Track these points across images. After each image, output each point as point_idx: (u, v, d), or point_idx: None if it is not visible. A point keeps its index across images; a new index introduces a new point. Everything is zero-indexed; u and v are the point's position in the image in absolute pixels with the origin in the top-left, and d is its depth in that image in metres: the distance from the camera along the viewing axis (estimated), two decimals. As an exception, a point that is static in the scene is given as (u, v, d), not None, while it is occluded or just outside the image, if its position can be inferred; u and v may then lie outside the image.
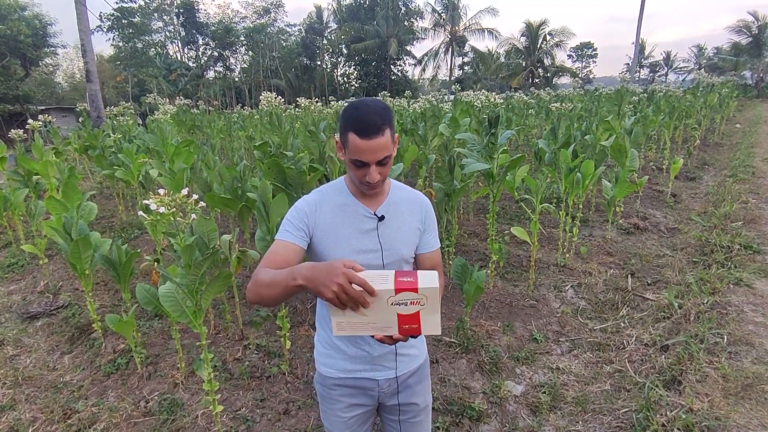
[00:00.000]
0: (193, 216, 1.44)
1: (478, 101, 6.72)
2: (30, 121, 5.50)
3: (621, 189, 3.97)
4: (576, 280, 3.53)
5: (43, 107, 21.05)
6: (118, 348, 2.79)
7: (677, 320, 2.61)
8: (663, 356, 2.37)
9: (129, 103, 8.49)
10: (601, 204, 5.09)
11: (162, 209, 1.37)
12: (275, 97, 4.01)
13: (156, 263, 2.91)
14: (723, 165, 7.55)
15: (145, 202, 1.42)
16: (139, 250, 2.60)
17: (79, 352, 2.83)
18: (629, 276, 3.56)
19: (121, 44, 24.40)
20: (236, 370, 2.51)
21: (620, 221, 4.72)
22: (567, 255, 3.89)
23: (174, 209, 1.42)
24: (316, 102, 5.03)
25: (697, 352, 2.29)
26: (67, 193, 3.20)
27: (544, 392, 2.30)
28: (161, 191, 1.44)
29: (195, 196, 1.49)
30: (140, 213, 1.50)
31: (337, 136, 1.09)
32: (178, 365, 2.51)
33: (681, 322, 2.56)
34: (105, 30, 23.83)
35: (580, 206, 4.15)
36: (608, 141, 4.57)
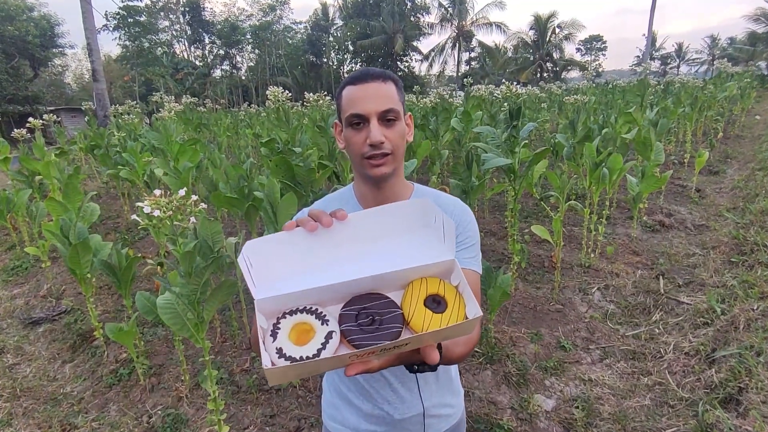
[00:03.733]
0: (192, 219, 1.27)
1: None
2: (30, 119, 5.37)
3: (648, 184, 3.74)
4: (602, 282, 3.32)
5: (52, 108, 21.16)
6: (121, 357, 2.65)
7: (723, 328, 2.39)
8: (712, 369, 2.15)
9: (135, 102, 8.37)
10: (623, 200, 4.85)
11: (157, 212, 1.20)
12: (282, 92, 3.84)
13: (159, 267, 2.77)
14: (747, 158, 7.22)
15: (139, 204, 1.25)
16: (140, 254, 2.45)
17: (81, 361, 2.70)
18: (659, 277, 3.34)
19: (127, 43, 24.40)
20: (244, 382, 2.35)
21: (644, 218, 4.49)
22: (591, 255, 3.68)
23: (171, 212, 1.25)
24: (324, 95, 4.83)
25: (755, 366, 2.05)
26: (68, 194, 3.07)
27: (578, 407, 2.11)
28: (157, 192, 1.27)
29: (194, 197, 1.31)
30: (134, 217, 1.33)
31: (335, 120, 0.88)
32: (183, 377, 2.36)
33: (728, 330, 2.34)
34: (111, 29, 23.83)
35: (607, 203, 3.93)
36: (630, 134, 4.34)
